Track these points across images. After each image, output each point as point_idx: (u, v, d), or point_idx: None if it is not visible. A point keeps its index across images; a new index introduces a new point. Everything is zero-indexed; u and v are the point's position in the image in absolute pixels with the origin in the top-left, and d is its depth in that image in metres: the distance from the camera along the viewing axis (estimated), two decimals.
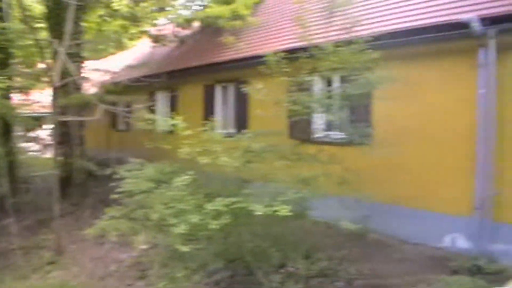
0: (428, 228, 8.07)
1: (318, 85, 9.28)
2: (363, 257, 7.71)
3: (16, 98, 14.11)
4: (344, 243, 8.12)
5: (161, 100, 16.52)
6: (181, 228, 5.64)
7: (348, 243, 8.12)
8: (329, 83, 9.22)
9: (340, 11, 7.87)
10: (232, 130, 12.23)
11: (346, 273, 7.08)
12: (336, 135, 9.44)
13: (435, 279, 6.57)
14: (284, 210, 5.50)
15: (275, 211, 5.52)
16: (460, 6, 7.80)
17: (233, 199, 5.85)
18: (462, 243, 7.66)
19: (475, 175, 7.41)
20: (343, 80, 8.20)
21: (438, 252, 7.78)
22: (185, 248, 5.66)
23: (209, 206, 5.82)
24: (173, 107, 15.36)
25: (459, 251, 7.59)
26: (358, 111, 8.42)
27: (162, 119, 11.44)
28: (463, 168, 7.62)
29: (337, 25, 7.91)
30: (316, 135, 9.89)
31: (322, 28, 7.97)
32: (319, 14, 8.08)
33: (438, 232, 7.96)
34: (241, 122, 12.16)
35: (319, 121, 9.76)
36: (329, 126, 9.59)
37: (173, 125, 6.71)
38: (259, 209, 5.56)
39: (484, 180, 7.30)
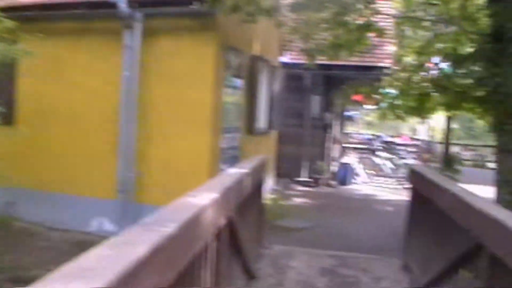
0: (77, 213, 8.10)
1: None
2: (5, 248, 7.29)
3: None
4: None
5: None
6: None
7: None
8: None
9: None
10: None
11: None
12: None
13: None
14: None
15: None
16: None
17: None
18: (108, 226, 7.88)
19: (118, 157, 7.67)
20: None
21: (86, 237, 7.80)
22: None
23: None
24: None
25: (105, 234, 7.66)
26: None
27: None
28: (107, 151, 7.85)
29: None
30: None
31: None
32: None
33: (86, 217, 8.06)
34: None
35: None
36: None
37: None
38: None
39: (127, 162, 7.64)
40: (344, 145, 17.67)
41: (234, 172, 4.42)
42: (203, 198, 2.71)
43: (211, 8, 7.19)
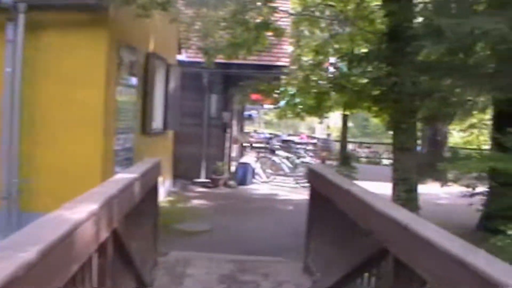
0: None
1: None
2: None
3: None
4: None
5: None
6: None
7: None
8: None
9: None
10: None
11: None
12: None
13: None
14: None
15: None
16: None
17: None
18: None
19: (1, 162, 7.07)
20: None
21: None
22: None
23: None
24: None
25: None
26: None
27: None
28: None
29: None
30: None
31: None
32: None
33: None
34: None
35: None
36: None
37: None
38: None
39: (10, 167, 7.03)
40: (243, 144, 17.64)
41: (121, 177, 4.08)
42: (80, 211, 2.38)
43: (101, 0, 6.80)
